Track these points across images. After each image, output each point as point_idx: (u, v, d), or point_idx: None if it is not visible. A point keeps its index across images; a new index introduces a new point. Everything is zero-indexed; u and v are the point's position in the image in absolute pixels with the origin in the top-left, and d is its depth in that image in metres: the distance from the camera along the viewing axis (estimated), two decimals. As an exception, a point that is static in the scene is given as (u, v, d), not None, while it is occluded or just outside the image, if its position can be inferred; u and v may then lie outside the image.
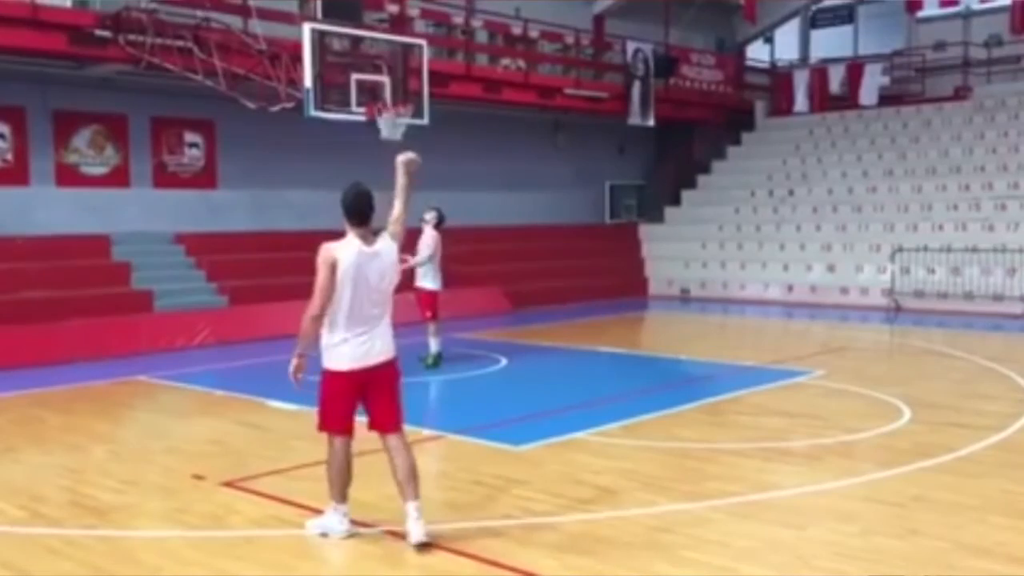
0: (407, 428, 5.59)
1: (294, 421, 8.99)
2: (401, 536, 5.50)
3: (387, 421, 5.52)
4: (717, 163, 25.05)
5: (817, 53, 27.98)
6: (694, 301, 21.12)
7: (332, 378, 5.44)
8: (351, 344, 5.36)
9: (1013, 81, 23.39)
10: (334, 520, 5.53)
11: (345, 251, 5.36)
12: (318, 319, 5.38)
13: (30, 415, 9.47)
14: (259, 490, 6.64)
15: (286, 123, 14.62)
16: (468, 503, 6.33)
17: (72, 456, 7.80)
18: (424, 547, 5.35)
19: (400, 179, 5.73)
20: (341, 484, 5.51)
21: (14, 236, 14.40)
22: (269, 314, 15.07)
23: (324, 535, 5.41)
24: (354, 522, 5.64)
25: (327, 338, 5.41)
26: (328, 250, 5.38)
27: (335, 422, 5.48)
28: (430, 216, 11.81)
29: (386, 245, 5.50)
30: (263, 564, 5.33)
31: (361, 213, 5.41)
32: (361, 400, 5.50)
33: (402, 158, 5.75)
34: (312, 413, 9.09)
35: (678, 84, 23.52)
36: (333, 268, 5.31)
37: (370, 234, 5.45)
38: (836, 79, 24.96)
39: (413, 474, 5.46)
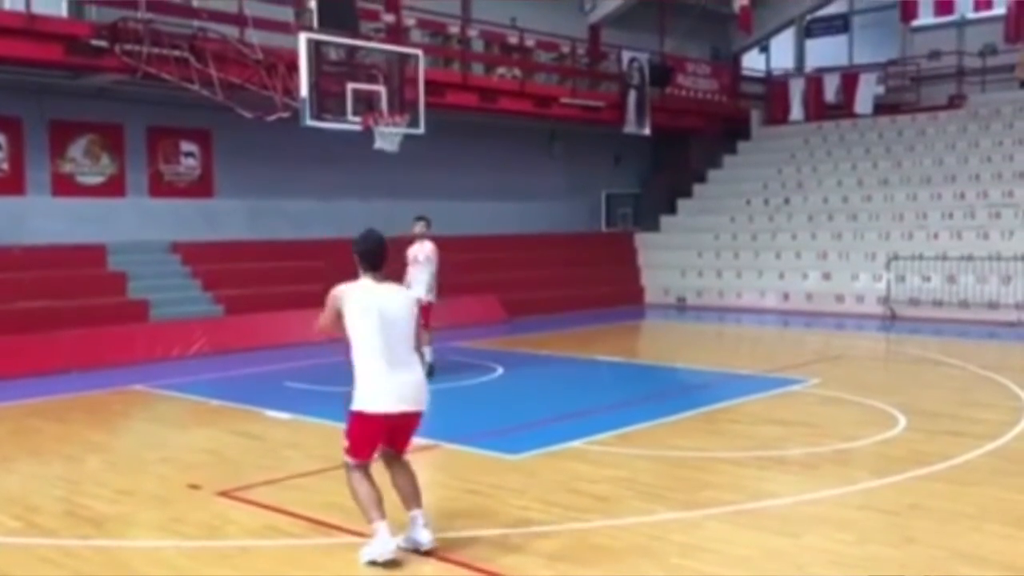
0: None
1: (290, 431, 8.99)
2: (397, 546, 5.51)
3: (401, 451, 5.60)
4: (713, 172, 25.09)
5: (812, 62, 28.05)
6: (690, 310, 21.13)
7: (361, 420, 5.35)
8: (379, 389, 5.31)
9: (1007, 90, 23.47)
10: (377, 545, 5.26)
11: (354, 292, 5.40)
12: (323, 332, 5.54)
13: (26, 425, 9.45)
14: (254, 500, 6.63)
15: (282, 132, 14.64)
16: (463, 512, 6.32)
17: (67, 466, 7.79)
18: (430, 553, 5.38)
19: None
20: (371, 501, 5.32)
21: (10, 246, 14.38)
22: (265, 323, 15.08)
23: (373, 563, 5.20)
24: (351, 531, 5.63)
25: (358, 379, 5.35)
26: (335, 294, 5.40)
27: (360, 453, 5.41)
28: (423, 227, 11.77)
29: (402, 292, 5.63)
30: (258, 574, 5.32)
31: (374, 259, 5.46)
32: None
33: None
34: (309, 424, 9.16)
35: (674, 93, 23.56)
36: (338, 312, 5.38)
37: (382, 278, 5.48)
38: (831, 88, 25.03)
39: (416, 486, 5.53)
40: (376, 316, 5.32)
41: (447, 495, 6.75)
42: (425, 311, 11.49)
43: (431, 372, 11.52)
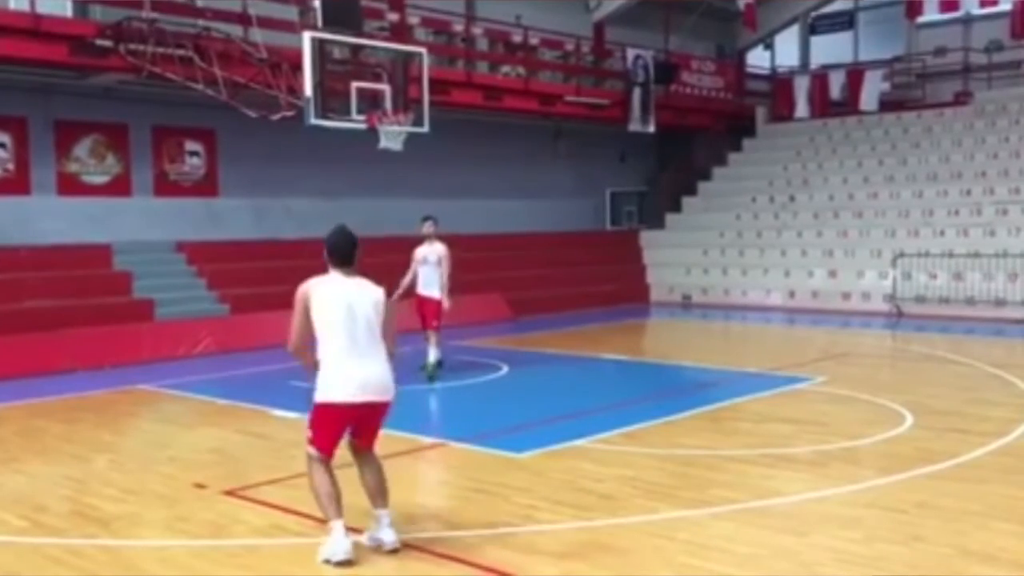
0: (408, 436, 5.58)
1: (295, 430, 8.94)
2: (405, 544, 5.51)
3: (367, 443, 5.59)
4: (718, 169, 25.06)
5: (817, 59, 28.01)
6: (696, 308, 21.10)
7: (321, 410, 5.40)
8: (342, 378, 5.34)
9: (1013, 86, 23.40)
10: (331, 544, 5.29)
11: (322, 285, 5.44)
12: (297, 354, 5.50)
13: (32, 425, 9.46)
14: (260, 499, 6.64)
15: (287, 131, 14.64)
16: (470, 511, 6.32)
17: (74, 466, 7.80)
18: (396, 551, 5.41)
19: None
20: (329, 498, 5.35)
21: (16, 246, 14.41)
22: (270, 322, 15.00)
23: (327, 561, 5.24)
24: (358, 530, 5.62)
25: (322, 369, 5.39)
26: (303, 288, 5.45)
27: (323, 445, 5.44)
28: (431, 228, 11.61)
29: (370, 286, 5.53)
30: (264, 573, 5.32)
31: (343, 254, 5.49)
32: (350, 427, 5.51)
33: None
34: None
35: (678, 91, 23.56)
36: (307, 307, 5.40)
37: (353, 273, 5.50)
38: (837, 85, 24.99)
39: (384, 483, 5.55)
40: (343, 308, 5.36)
41: (453, 493, 6.75)
42: (437, 311, 11.49)
43: (439, 366, 11.57)
